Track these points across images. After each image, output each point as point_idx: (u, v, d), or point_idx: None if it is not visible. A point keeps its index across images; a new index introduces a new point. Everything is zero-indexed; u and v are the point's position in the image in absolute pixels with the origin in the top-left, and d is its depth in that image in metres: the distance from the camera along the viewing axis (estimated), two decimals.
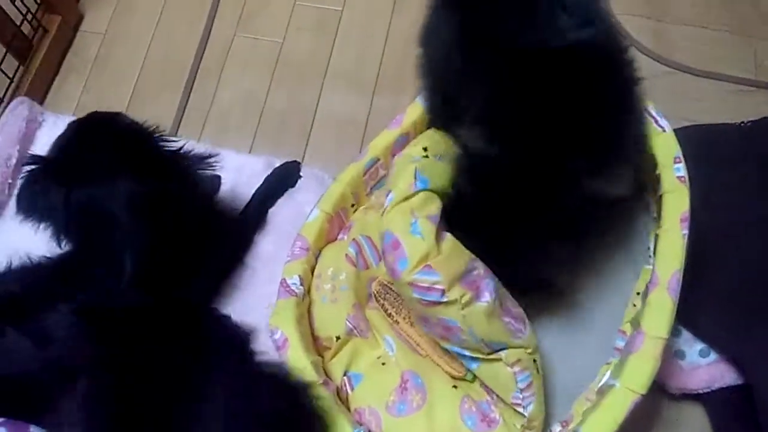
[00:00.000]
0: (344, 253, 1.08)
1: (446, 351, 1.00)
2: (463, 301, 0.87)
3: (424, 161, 1.01)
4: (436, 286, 0.87)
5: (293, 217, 1.16)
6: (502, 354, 0.91)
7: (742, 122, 1.24)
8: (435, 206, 0.95)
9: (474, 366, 0.96)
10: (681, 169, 1.00)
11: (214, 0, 1.45)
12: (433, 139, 1.08)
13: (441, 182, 0.98)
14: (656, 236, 0.98)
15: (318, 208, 1.09)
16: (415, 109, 1.12)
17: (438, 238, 0.91)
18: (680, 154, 1.00)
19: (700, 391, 1.03)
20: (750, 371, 0.98)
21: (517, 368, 0.91)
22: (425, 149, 1.03)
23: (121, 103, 1.36)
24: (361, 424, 0.95)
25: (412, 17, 1.38)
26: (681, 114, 1.25)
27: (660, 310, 0.90)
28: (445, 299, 0.87)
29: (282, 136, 1.29)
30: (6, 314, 0.90)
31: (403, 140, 1.13)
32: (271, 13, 1.43)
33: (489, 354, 0.92)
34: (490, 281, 0.91)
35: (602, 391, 0.95)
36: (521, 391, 0.91)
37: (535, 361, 0.94)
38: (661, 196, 1.00)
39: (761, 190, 1.13)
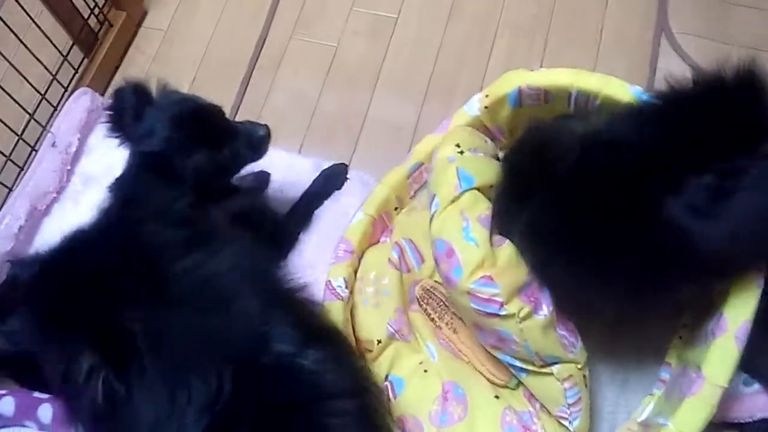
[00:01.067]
0: (387, 257, 1.09)
1: (490, 358, 0.99)
2: (521, 315, 0.87)
3: (462, 158, 1.00)
4: (495, 299, 0.87)
5: (337, 219, 1.18)
6: (554, 369, 0.90)
7: None
8: (484, 206, 0.94)
9: (523, 375, 0.95)
10: None
11: (273, 1, 1.48)
12: (462, 135, 1.07)
13: (485, 177, 0.97)
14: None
15: (362, 211, 1.10)
16: (461, 115, 1.12)
17: (492, 244, 0.91)
18: None
19: (742, 420, 1.00)
20: None
21: (567, 384, 0.90)
22: (458, 145, 1.03)
23: None
24: None
25: (466, 26, 1.41)
26: None
27: (725, 358, 0.87)
28: (503, 312, 0.87)
29: (331, 138, 1.31)
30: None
31: None
32: (328, 17, 1.46)
33: (541, 367, 0.91)
34: (547, 292, 0.90)
35: (647, 425, 0.94)
36: (569, 406, 0.91)
37: (584, 376, 0.93)
38: None
39: None
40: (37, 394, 1.01)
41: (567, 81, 1.04)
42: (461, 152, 1.01)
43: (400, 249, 1.10)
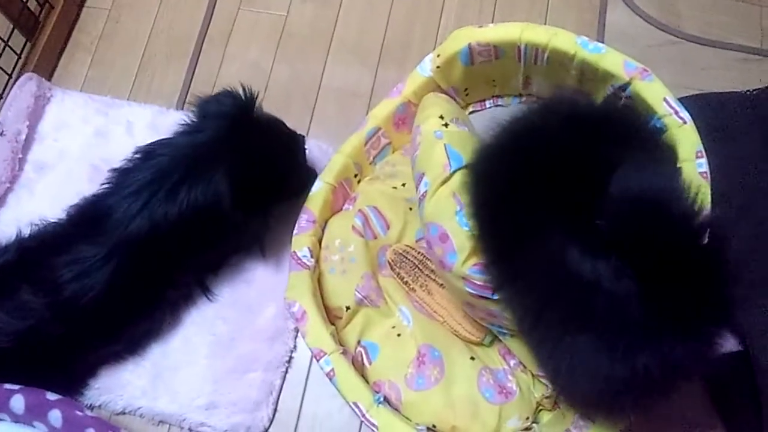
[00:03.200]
0: (351, 224, 1.09)
1: (466, 317, 1.01)
2: None
3: (449, 133, 0.99)
4: (489, 284, 0.88)
5: None
6: None
7: (748, 90, 1.23)
8: None
9: (506, 337, 0.97)
10: (703, 165, 0.95)
11: None
12: (442, 104, 1.07)
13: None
14: None
15: (321, 180, 1.11)
16: (415, 78, 1.13)
17: None
18: (702, 149, 0.95)
19: None
20: (750, 338, 0.98)
21: None
22: (441, 117, 1.02)
23: (128, 78, 1.37)
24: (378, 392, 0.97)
25: None
26: (687, 83, 1.24)
27: None
28: (495, 297, 0.88)
29: (287, 108, 1.30)
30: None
31: (404, 109, 1.13)
32: None
33: None
34: None
35: None
36: None
37: None
38: None
39: (764, 161, 1.13)
40: (48, 395, 1.00)
41: (515, 35, 1.05)
42: (445, 125, 1.01)
43: (364, 216, 1.10)
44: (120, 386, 1.11)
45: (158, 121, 1.29)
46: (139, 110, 1.31)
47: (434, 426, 0.97)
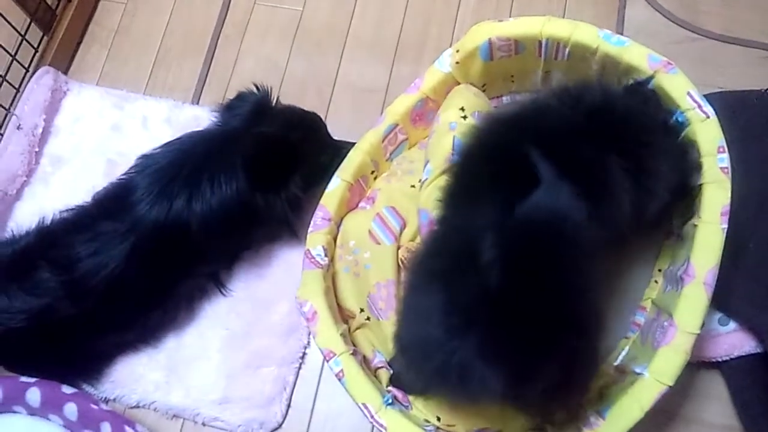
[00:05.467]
0: (367, 228, 1.08)
1: None
2: None
3: (463, 126, 0.99)
4: None
5: None
6: None
7: (766, 90, 1.21)
8: None
9: None
10: (725, 160, 0.94)
11: None
12: (467, 95, 1.06)
13: None
14: (694, 225, 0.94)
15: (338, 177, 1.09)
16: (433, 73, 1.11)
17: None
18: (724, 143, 0.95)
19: (719, 359, 1.03)
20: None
21: None
22: (462, 109, 1.01)
23: (144, 72, 1.37)
24: (389, 391, 0.97)
25: None
26: (706, 81, 1.22)
27: (695, 305, 0.89)
28: None
29: (302, 103, 1.27)
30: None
31: (422, 105, 1.12)
32: None
33: None
34: None
35: (622, 370, 0.96)
36: None
37: None
38: (701, 185, 0.95)
39: None
40: (64, 389, 1.01)
41: (536, 29, 1.04)
42: (464, 117, 1.01)
43: (381, 219, 1.09)
44: (134, 380, 1.11)
45: (174, 116, 1.29)
46: (155, 104, 1.31)
47: (439, 419, 0.96)
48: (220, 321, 1.13)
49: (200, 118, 1.25)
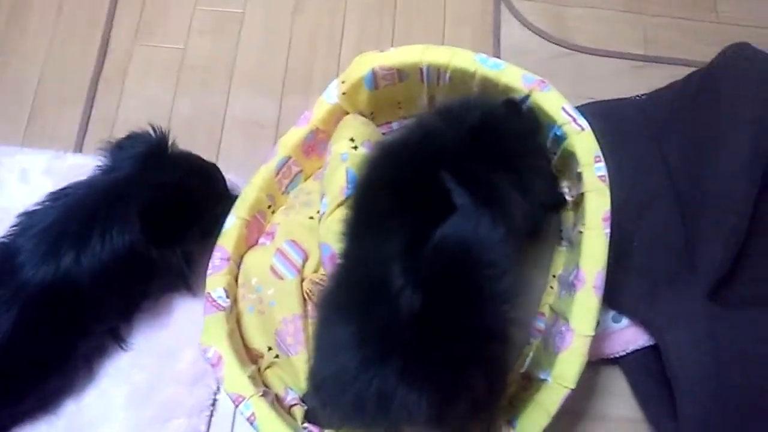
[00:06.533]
0: (269, 264, 1.07)
1: None
2: None
3: (354, 156, 1.00)
4: None
5: None
6: None
7: (637, 96, 1.30)
8: None
9: None
10: (602, 168, 1.00)
11: (110, 9, 1.41)
12: (356, 125, 1.08)
13: None
14: (579, 232, 0.99)
15: (233, 215, 1.08)
16: (321, 104, 1.12)
17: None
18: (600, 153, 1.01)
19: (616, 355, 1.08)
20: (657, 332, 1.03)
21: None
22: (352, 140, 1.02)
23: (20, 123, 1.30)
24: (305, 429, 0.96)
25: (314, 14, 1.40)
26: (581, 93, 1.30)
27: (587, 309, 0.93)
28: None
29: (192, 143, 1.24)
30: None
31: (313, 137, 1.13)
32: (171, 18, 1.40)
33: None
34: None
35: (528, 377, 0.99)
36: None
37: None
38: (582, 194, 1.01)
39: (656, 164, 1.19)
40: None
41: (416, 57, 1.07)
42: (355, 147, 1.01)
43: (282, 255, 1.08)
44: None
45: (54, 166, 1.23)
46: (33, 156, 1.25)
47: None
48: (123, 377, 1.08)
49: (85, 166, 1.18)
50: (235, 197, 1.11)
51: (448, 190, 0.81)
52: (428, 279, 0.75)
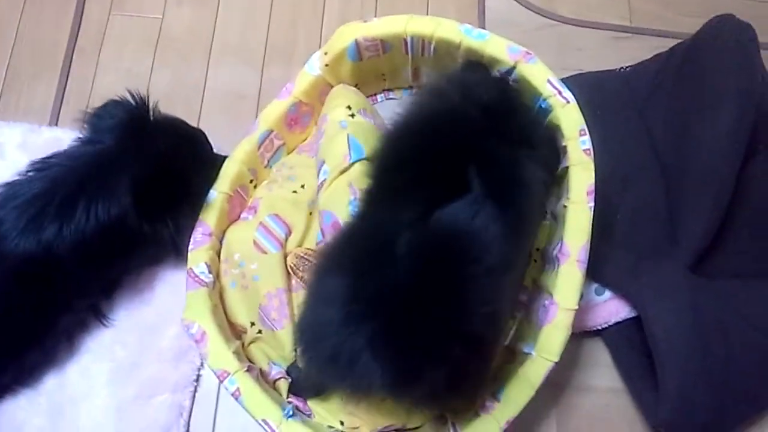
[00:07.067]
0: (251, 238, 1.06)
1: None
2: None
3: (353, 124, 0.99)
4: None
5: None
6: None
7: (622, 68, 1.29)
8: None
9: None
10: (587, 142, 1.00)
11: None
12: (349, 95, 1.06)
13: (373, 146, 0.96)
14: (564, 206, 0.99)
15: (215, 190, 1.06)
16: (304, 76, 1.10)
17: None
18: (585, 127, 1.00)
19: (599, 327, 1.09)
20: (639, 304, 1.04)
21: None
22: (349, 107, 1.01)
23: None
24: (290, 402, 0.96)
25: None
26: (566, 64, 1.29)
27: (571, 282, 0.94)
28: None
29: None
30: None
31: (296, 109, 1.11)
32: None
33: None
34: None
35: (513, 351, 1.00)
36: None
37: None
38: (567, 168, 1.00)
39: (640, 136, 1.19)
40: None
41: (400, 28, 1.05)
42: (352, 115, 1.00)
43: (265, 228, 1.07)
44: (15, 428, 1.02)
45: (30, 140, 1.20)
46: (8, 130, 1.21)
47: (342, 422, 0.97)
48: (105, 353, 1.07)
49: (61, 140, 1.16)
50: (224, 158, 1.09)
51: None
52: (420, 257, 0.75)
